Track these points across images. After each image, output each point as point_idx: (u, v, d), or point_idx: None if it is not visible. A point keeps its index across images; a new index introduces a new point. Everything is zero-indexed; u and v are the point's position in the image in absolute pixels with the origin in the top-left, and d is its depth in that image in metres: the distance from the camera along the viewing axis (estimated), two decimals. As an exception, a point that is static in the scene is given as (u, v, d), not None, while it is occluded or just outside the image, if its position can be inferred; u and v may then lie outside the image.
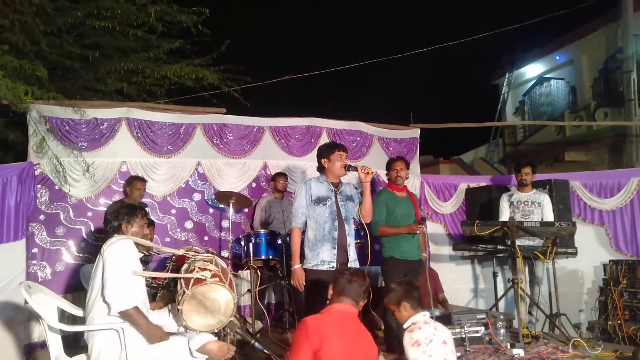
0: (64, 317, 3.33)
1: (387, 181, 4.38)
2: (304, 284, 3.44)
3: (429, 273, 5.32)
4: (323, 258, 3.46)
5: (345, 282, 2.66)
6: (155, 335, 2.72)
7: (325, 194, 3.56)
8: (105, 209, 4.83)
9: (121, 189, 4.95)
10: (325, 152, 3.61)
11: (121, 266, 2.73)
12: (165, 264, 4.06)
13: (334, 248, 3.48)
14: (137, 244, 2.92)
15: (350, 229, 3.63)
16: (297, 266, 3.48)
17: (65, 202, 4.84)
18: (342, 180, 3.72)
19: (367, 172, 3.49)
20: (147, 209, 4.89)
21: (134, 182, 4.78)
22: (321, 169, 3.66)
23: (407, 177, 4.39)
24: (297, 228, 3.55)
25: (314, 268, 3.46)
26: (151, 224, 4.70)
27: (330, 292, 2.78)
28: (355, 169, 3.54)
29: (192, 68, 6.88)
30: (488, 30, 8.56)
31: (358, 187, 3.73)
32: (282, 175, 5.49)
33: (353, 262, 3.59)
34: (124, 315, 2.66)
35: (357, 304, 2.70)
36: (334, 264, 3.46)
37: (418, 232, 3.99)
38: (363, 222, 3.65)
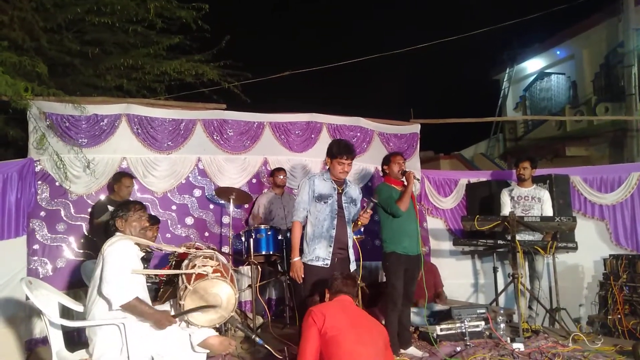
0: (65, 313, 3.34)
1: (382, 176, 4.35)
2: (302, 276, 3.49)
3: (429, 268, 5.35)
4: (318, 254, 3.50)
5: (341, 284, 2.93)
6: (162, 320, 2.74)
7: (327, 192, 3.58)
8: (91, 209, 4.80)
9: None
10: (331, 152, 3.61)
11: (121, 264, 2.74)
12: (168, 259, 4.07)
13: (330, 246, 3.51)
14: (137, 243, 2.92)
15: (350, 229, 3.66)
16: (296, 259, 3.53)
17: (66, 198, 4.85)
18: (347, 180, 3.72)
19: (366, 218, 3.65)
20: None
21: (123, 179, 4.74)
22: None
23: None
24: (298, 222, 3.58)
25: (309, 263, 3.50)
26: (156, 222, 4.69)
27: (327, 295, 3.00)
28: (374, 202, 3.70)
29: (192, 64, 6.86)
30: (489, 25, 8.54)
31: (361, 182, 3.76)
32: (281, 170, 5.49)
33: (352, 263, 3.64)
34: (127, 307, 2.67)
35: (354, 295, 2.95)
36: (328, 261, 3.49)
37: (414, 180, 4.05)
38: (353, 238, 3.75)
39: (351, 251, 3.65)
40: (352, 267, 3.64)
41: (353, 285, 2.99)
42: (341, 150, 3.57)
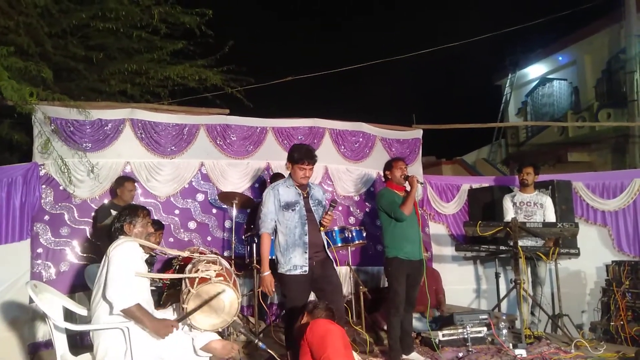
0: (68, 316, 3.35)
1: (384, 181, 4.37)
2: (274, 290, 3.50)
3: (432, 273, 5.35)
4: (295, 263, 3.47)
5: (321, 311, 2.95)
6: (161, 329, 2.72)
7: (293, 199, 3.55)
8: (94, 213, 4.82)
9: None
10: (292, 157, 3.56)
11: (125, 267, 2.75)
12: (172, 263, 4.08)
13: (306, 252, 3.48)
14: (142, 245, 2.94)
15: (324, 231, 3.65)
16: (266, 273, 3.49)
17: (70, 202, 4.87)
18: (309, 183, 3.70)
19: (329, 220, 3.60)
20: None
21: (126, 183, 4.75)
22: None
23: None
24: (267, 234, 3.54)
25: (287, 273, 3.48)
26: (161, 227, 4.71)
27: (305, 318, 2.97)
28: (333, 206, 3.63)
29: (196, 69, 6.89)
30: (491, 31, 8.58)
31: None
32: (279, 176, 5.48)
33: (333, 261, 3.65)
34: (127, 313, 2.68)
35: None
36: (307, 268, 3.47)
37: (418, 184, 4.04)
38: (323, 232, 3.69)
39: (328, 250, 3.63)
40: (335, 265, 3.64)
41: (332, 318, 2.92)
42: (302, 155, 3.52)
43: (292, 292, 3.46)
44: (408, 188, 4.08)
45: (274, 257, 4.70)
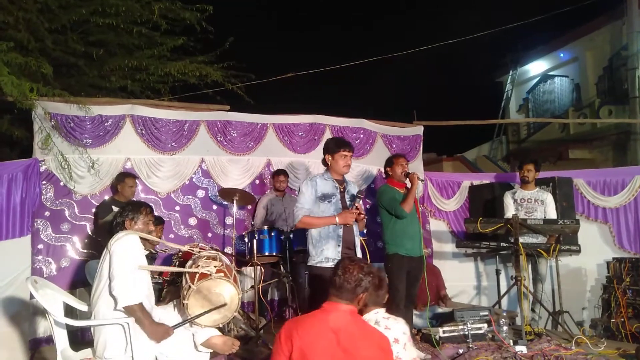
0: (69, 312, 3.36)
1: (385, 178, 4.36)
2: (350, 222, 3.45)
3: (432, 270, 5.35)
4: (327, 255, 3.45)
5: (336, 280, 2.39)
6: (157, 333, 2.73)
7: (330, 191, 3.56)
8: (95, 209, 4.83)
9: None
10: (330, 148, 3.61)
11: (128, 261, 2.75)
12: (172, 260, 4.09)
13: (339, 245, 3.47)
14: (143, 240, 2.93)
15: (357, 228, 3.64)
16: (336, 218, 3.44)
17: (70, 198, 4.86)
18: (346, 178, 3.72)
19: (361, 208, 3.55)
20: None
21: (126, 179, 4.75)
22: (326, 163, 3.66)
23: None
24: (306, 215, 3.49)
25: (318, 265, 3.46)
26: (160, 222, 4.70)
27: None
28: (359, 198, 3.57)
29: (196, 65, 6.88)
30: (492, 27, 8.54)
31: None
32: (282, 173, 5.47)
33: None
34: (129, 310, 2.68)
35: (353, 300, 2.39)
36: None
37: (418, 181, 4.02)
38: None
39: (358, 250, 3.62)
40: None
41: (353, 280, 2.34)
42: (341, 143, 3.59)
43: (317, 287, 3.36)
44: (409, 185, 4.08)
45: (274, 253, 4.77)
